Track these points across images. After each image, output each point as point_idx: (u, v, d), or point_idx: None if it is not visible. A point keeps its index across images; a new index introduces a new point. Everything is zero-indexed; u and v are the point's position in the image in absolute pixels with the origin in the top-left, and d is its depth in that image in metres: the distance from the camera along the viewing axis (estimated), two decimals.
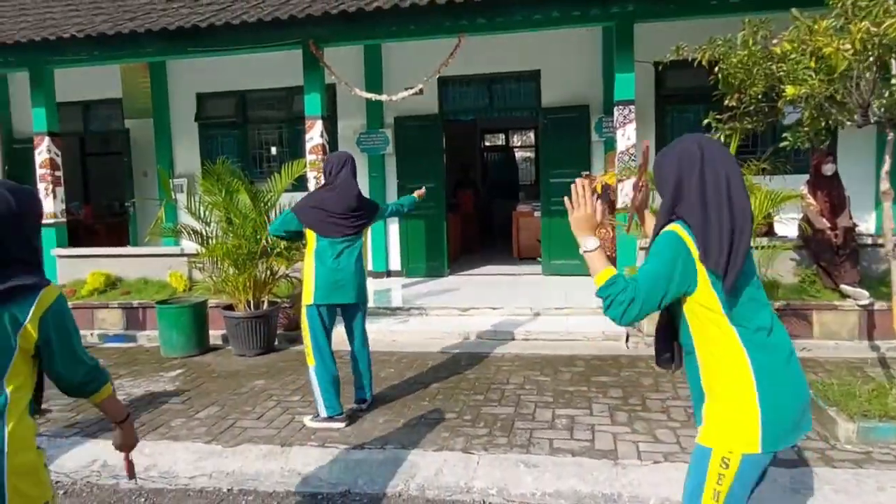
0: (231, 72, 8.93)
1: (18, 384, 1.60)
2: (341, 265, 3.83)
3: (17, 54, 6.88)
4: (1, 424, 1.54)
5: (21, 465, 1.56)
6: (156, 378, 5.04)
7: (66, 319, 1.71)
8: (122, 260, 7.34)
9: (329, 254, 3.83)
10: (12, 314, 1.58)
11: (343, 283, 3.84)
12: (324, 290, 3.81)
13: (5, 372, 1.58)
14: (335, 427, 3.81)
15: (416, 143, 8.59)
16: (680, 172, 1.79)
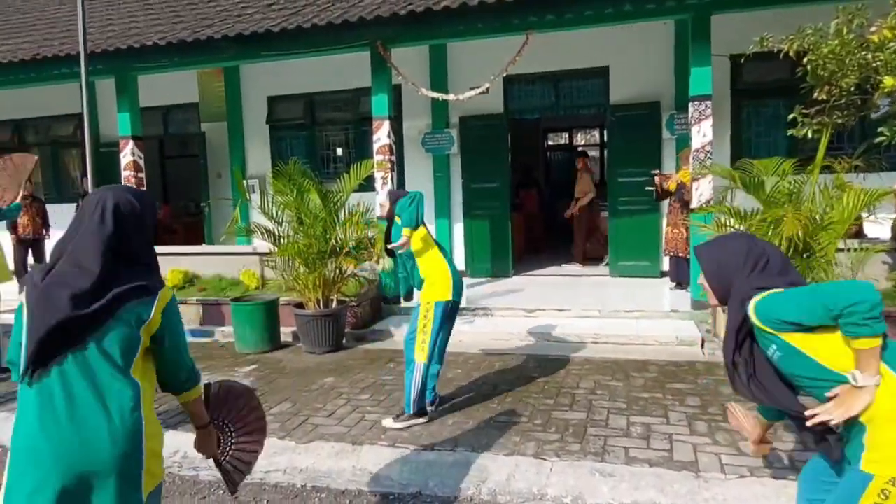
0: (300, 75, 9.15)
1: (142, 375, 1.75)
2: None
3: (104, 62, 7.26)
4: (138, 412, 1.69)
5: (153, 449, 1.75)
6: (231, 373, 5.20)
7: (178, 318, 1.87)
8: (199, 258, 7.63)
9: (447, 252, 4.09)
10: (138, 311, 1.72)
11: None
12: (457, 287, 3.98)
13: (132, 364, 1.71)
14: (420, 422, 3.87)
15: (481, 142, 8.55)
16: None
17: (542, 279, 8.40)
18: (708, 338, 5.41)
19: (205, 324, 6.97)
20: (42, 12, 11.02)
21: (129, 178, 7.99)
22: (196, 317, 7.02)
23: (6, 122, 11.39)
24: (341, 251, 5.83)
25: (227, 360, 5.62)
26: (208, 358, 5.74)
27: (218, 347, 6.17)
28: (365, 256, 5.98)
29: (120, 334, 1.68)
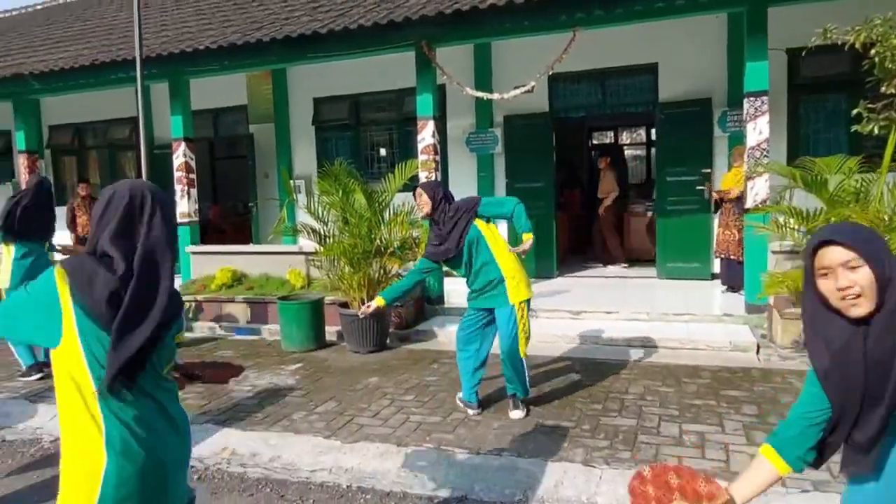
0: (345, 76, 9.24)
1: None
2: None
3: (158, 66, 7.47)
4: (177, 405, 1.71)
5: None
6: (277, 371, 5.27)
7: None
8: (246, 257, 7.77)
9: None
10: (180, 321, 1.74)
11: None
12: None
13: (165, 365, 1.71)
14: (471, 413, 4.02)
15: (526, 141, 8.45)
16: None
17: (587, 280, 8.25)
18: (764, 343, 5.20)
19: (252, 322, 7.09)
20: (101, 20, 11.44)
21: (181, 179, 8.20)
22: (243, 315, 7.15)
23: (68, 126, 11.85)
24: (386, 251, 5.84)
25: (273, 358, 5.69)
26: (255, 356, 5.83)
27: (265, 345, 6.26)
28: (409, 256, 5.98)
29: (168, 342, 1.67)
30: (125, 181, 1.73)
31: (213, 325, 7.19)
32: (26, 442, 4.08)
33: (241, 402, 4.51)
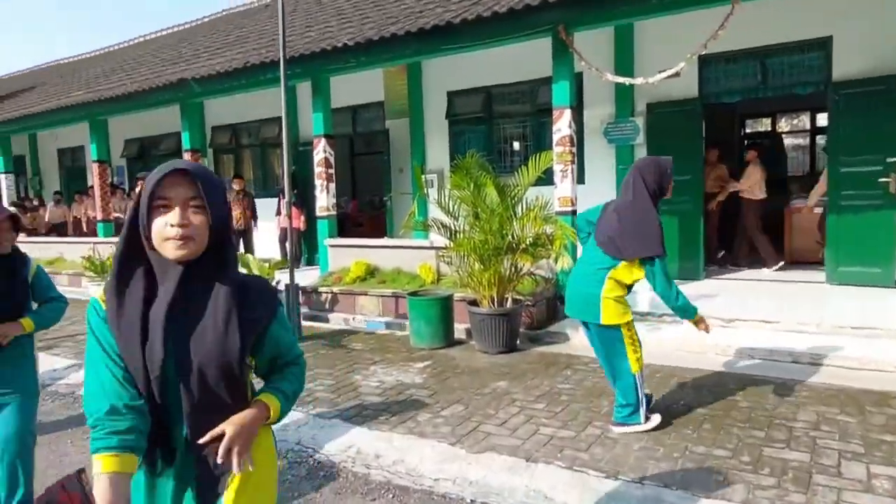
0: (478, 68, 9.08)
1: None
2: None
3: (301, 66, 7.77)
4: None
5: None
6: (405, 368, 5.22)
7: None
8: (380, 251, 7.88)
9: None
10: None
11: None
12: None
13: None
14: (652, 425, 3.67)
15: (671, 131, 7.77)
16: None
17: (739, 283, 7.43)
18: None
19: (383, 315, 7.17)
20: (255, 26, 12.23)
21: (320, 175, 8.49)
22: (375, 308, 7.24)
23: (227, 127, 12.84)
24: (518, 247, 5.59)
25: (401, 354, 5.67)
26: (384, 350, 5.85)
27: (394, 340, 6.27)
28: (542, 254, 5.68)
29: None
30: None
31: (347, 316, 7.36)
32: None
33: (368, 398, 4.49)
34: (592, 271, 3.59)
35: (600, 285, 3.52)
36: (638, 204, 3.54)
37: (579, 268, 3.77)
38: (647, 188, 3.55)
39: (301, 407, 4.34)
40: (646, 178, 3.56)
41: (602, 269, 3.56)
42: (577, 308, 3.68)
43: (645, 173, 3.59)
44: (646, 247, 3.45)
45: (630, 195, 3.60)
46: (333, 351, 5.92)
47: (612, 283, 3.53)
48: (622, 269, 3.54)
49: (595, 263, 3.60)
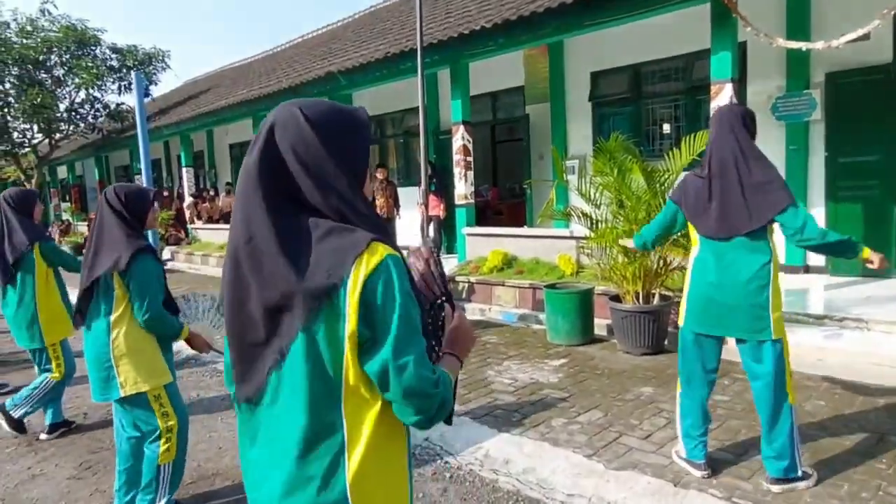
0: (624, 45, 8.47)
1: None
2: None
3: (439, 52, 7.70)
4: None
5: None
6: (540, 365, 4.95)
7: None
8: (517, 240, 7.64)
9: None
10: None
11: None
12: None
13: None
14: (802, 486, 2.84)
15: (856, 104, 6.68)
16: None
17: None
18: None
19: (519, 307, 6.94)
20: (398, 18, 12.46)
21: (458, 162, 8.42)
22: (512, 299, 7.03)
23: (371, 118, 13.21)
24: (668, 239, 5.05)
25: (537, 350, 5.40)
26: (519, 344, 5.61)
27: (530, 334, 6.02)
28: None
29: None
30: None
31: (484, 307, 7.22)
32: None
33: (500, 397, 4.29)
34: (749, 275, 2.74)
35: (766, 287, 2.73)
36: (745, 150, 2.80)
37: (724, 270, 2.80)
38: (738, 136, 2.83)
39: None
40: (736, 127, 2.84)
41: (763, 265, 2.73)
42: (737, 325, 2.79)
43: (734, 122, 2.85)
44: (781, 187, 2.73)
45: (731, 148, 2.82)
46: None
47: (776, 274, 2.78)
48: (772, 243, 2.80)
49: (744, 254, 2.75)
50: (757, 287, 2.74)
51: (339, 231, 1.23)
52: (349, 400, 1.23)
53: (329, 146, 1.24)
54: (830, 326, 5.16)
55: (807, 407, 3.75)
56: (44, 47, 16.05)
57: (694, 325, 2.92)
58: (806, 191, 7.19)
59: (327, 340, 1.22)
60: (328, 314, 1.21)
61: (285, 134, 1.23)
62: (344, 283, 1.20)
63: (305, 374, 1.23)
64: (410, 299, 1.23)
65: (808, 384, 4.12)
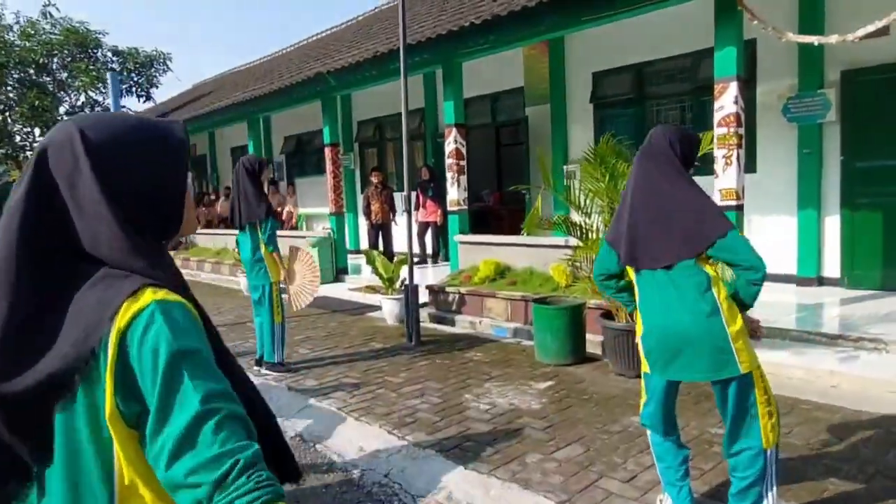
0: (627, 43, 8.07)
1: None
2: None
3: (429, 51, 7.34)
4: None
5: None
6: (524, 388, 4.53)
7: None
8: (511, 249, 7.23)
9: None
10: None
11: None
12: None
13: None
14: None
15: (874, 104, 6.22)
16: None
17: None
18: None
19: (511, 320, 6.52)
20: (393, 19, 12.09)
21: (451, 166, 8.03)
22: (503, 312, 6.62)
23: (370, 121, 12.94)
24: None
25: (523, 370, 4.98)
26: (505, 363, 5.20)
27: (518, 351, 5.60)
28: None
29: None
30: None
31: (475, 319, 6.82)
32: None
33: (474, 426, 3.88)
34: (692, 298, 2.32)
35: (716, 314, 2.30)
36: (665, 177, 2.48)
37: (667, 307, 2.38)
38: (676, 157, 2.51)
39: (400, 429, 3.86)
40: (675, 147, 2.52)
41: (704, 290, 2.33)
42: (700, 366, 2.34)
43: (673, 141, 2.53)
44: (719, 213, 2.41)
45: (654, 174, 2.52)
46: (450, 360, 5.39)
47: (724, 298, 2.34)
48: (713, 266, 2.41)
49: (684, 284, 2.35)
50: (705, 316, 2.31)
51: (109, 279, 0.88)
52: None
53: (111, 173, 0.92)
54: (845, 347, 4.70)
55: (811, 440, 3.30)
56: (44, 50, 15.93)
57: (659, 373, 2.50)
58: (820, 198, 6.73)
59: (89, 429, 0.85)
60: (86, 393, 0.84)
61: (59, 160, 0.91)
62: (103, 346, 0.83)
63: (63, 481, 0.86)
64: (183, 355, 0.85)
65: (818, 416, 3.68)
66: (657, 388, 2.55)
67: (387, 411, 4.20)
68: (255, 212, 4.99)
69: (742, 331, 2.33)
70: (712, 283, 2.35)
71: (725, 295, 2.36)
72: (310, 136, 14.41)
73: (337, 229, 10.26)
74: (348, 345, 6.15)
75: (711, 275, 2.37)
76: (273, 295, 5.15)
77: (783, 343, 4.94)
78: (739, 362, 2.29)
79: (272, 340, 5.17)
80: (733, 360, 2.30)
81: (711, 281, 2.35)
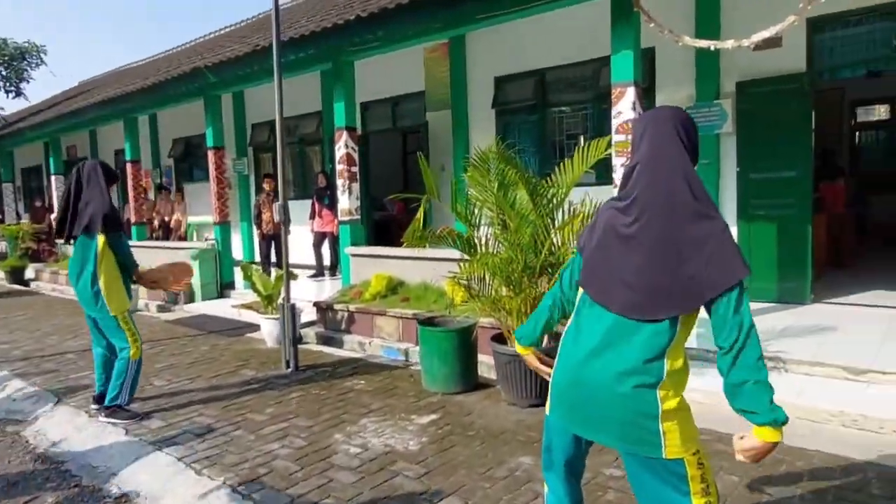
0: (530, 48, 7.81)
1: None
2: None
3: (313, 46, 6.72)
4: None
5: None
6: (404, 423, 3.97)
7: None
8: (404, 262, 6.69)
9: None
10: None
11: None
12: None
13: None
14: None
15: (769, 116, 6.17)
16: None
17: (863, 311, 5.72)
18: None
19: (403, 340, 5.97)
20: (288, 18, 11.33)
21: (342, 173, 7.41)
22: (395, 332, 6.06)
23: (265, 124, 12.07)
24: (558, 266, 4.21)
25: (407, 400, 4.42)
26: (388, 392, 4.62)
27: (406, 377, 5.04)
28: None
29: None
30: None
31: (364, 340, 6.20)
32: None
33: (337, 476, 3.27)
34: (631, 367, 1.71)
35: (652, 388, 1.71)
36: (678, 191, 1.72)
37: (596, 353, 1.78)
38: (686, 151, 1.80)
39: (247, 485, 3.19)
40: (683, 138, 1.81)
41: (652, 360, 1.71)
42: (609, 432, 1.79)
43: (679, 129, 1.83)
44: (729, 265, 1.66)
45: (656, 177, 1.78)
46: (328, 390, 4.75)
47: (675, 379, 1.75)
48: (683, 335, 1.76)
49: (629, 351, 1.73)
50: (633, 386, 1.72)
51: None
52: None
53: None
54: None
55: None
56: None
57: (559, 416, 1.96)
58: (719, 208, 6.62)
59: None
60: None
61: None
62: None
63: None
64: None
65: (720, 448, 3.34)
66: (552, 428, 2.01)
67: (238, 460, 3.50)
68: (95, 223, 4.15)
69: (679, 409, 1.75)
70: (672, 348, 1.73)
71: (680, 366, 1.76)
72: (200, 139, 13.28)
73: (222, 240, 9.35)
74: (215, 373, 5.37)
75: (678, 336, 1.73)
76: (122, 327, 4.26)
77: None
78: (665, 445, 1.71)
79: (123, 380, 4.25)
80: (657, 441, 1.72)
81: (674, 345, 1.73)
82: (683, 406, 1.77)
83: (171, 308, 8.87)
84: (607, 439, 1.81)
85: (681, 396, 1.77)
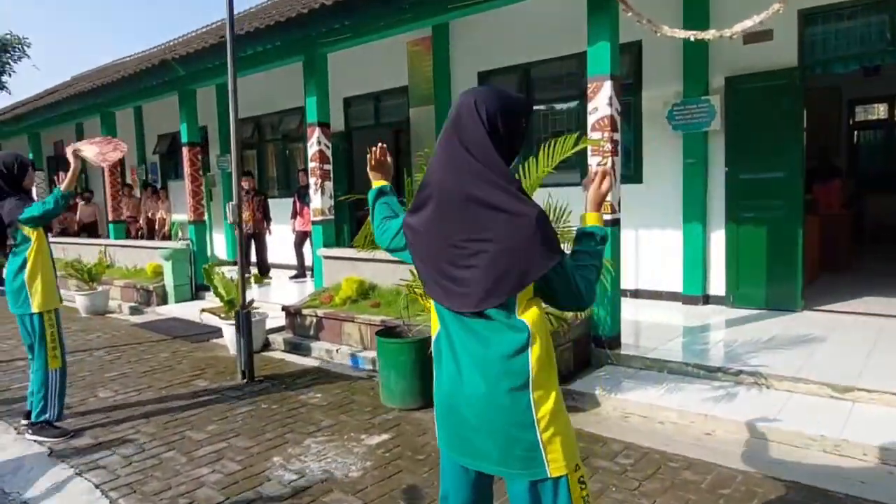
0: (515, 42, 7.52)
1: None
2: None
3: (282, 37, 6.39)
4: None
5: None
6: (352, 444, 3.66)
7: None
8: (376, 265, 6.36)
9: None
10: None
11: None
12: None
13: None
14: None
15: (759, 113, 5.85)
16: None
17: (856, 319, 5.40)
18: None
19: (370, 348, 5.66)
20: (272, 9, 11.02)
21: (314, 171, 7.10)
22: (362, 340, 5.74)
23: (248, 120, 11.76)
24: None
25: (361, 417, 4.11)
26: (343, 408, 4.31)
27: (367, 390, 4.73)
28: None
29: None
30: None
31: (332, 347, 5.89)
32: None
33: None
34: (497, 362, 1.53)
35: (524, 388, 1.52)
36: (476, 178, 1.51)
37: (458, 370, 1.59)
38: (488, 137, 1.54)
39: None
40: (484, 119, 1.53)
41: (516, 350, 1.52)
42: (488, 454, 1.57)
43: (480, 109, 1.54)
44: (549, 243, 1.47)
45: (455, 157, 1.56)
46: (280, 404, 4.45)
47: (538, 359, 1.53)
48: (534, 305, 1.57)
49: (492, 340, 1.53)
50: (505, 392, 1.52)
51: None
52: None
53: None
54: (724, 382, 4.14)
55: None
56: None
57: (443, 442, 1.70)
58: (706, 212, 6.31)
59: None
60: None
61: None
62: None
63: None
64: None
65: (688, 477, 3.02)
66: (448, 470, 1.73)
67: (160, 487, 3.20)
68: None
69: (557, 413, 1.54)
70: (531, 340, 1.52)
71: (539, 354, 1.53)
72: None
73: (197, 240, 9.04)
74: (167, 384, 5.07)
75: (530, 327, 1.52)
76: (45, 329, 3.96)
77: (660, 376, 4.35)
78: (548, 461, 1.52)
79: (45, 393, 3.96)
80: (539, 456, 1.52)
81: (531, 336, 1.52)
82: (558, 411, 1.56)
83: (142, 310, 8.58)
84: (489, 465, 1.60)
85: (552, 399, 1.56)
